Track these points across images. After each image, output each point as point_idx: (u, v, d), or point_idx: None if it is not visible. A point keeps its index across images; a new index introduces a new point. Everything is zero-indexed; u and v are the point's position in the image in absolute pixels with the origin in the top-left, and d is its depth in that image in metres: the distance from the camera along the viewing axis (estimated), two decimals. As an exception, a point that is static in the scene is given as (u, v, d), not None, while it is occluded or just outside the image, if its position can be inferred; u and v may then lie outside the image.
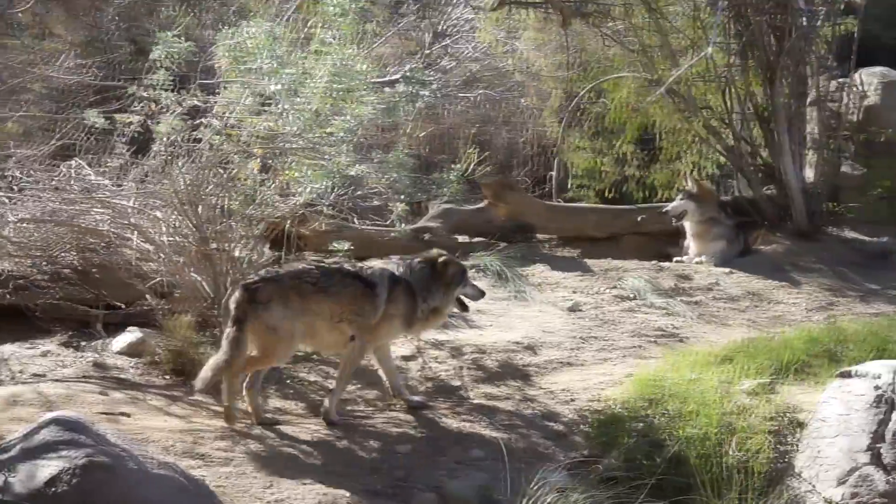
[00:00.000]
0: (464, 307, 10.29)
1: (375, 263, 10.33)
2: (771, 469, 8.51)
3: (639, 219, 15.48)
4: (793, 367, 9.62)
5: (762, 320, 11.89)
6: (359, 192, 11.85)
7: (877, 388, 8.42)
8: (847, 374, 8.77)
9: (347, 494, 8.13)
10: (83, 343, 10.58)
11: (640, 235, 15.58)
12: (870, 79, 17.82)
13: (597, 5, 13.99)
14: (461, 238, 14.75)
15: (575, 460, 8.72)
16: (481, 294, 10.35)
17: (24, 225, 10.98)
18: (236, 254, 10.95)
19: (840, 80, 16.69)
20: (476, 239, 14.68)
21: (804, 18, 10.33)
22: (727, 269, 13.57)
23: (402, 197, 12.29)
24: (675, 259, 14.52)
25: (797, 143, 15.01)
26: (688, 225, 14.77)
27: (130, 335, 10.54)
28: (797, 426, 8.81)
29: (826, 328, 10.97)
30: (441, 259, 10.06)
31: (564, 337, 11.20)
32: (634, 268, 13.31)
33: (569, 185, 17.59)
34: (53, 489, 6.40)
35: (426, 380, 10.22)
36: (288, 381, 10.13)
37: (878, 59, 19.75)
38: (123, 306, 11.17)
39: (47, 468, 6.48)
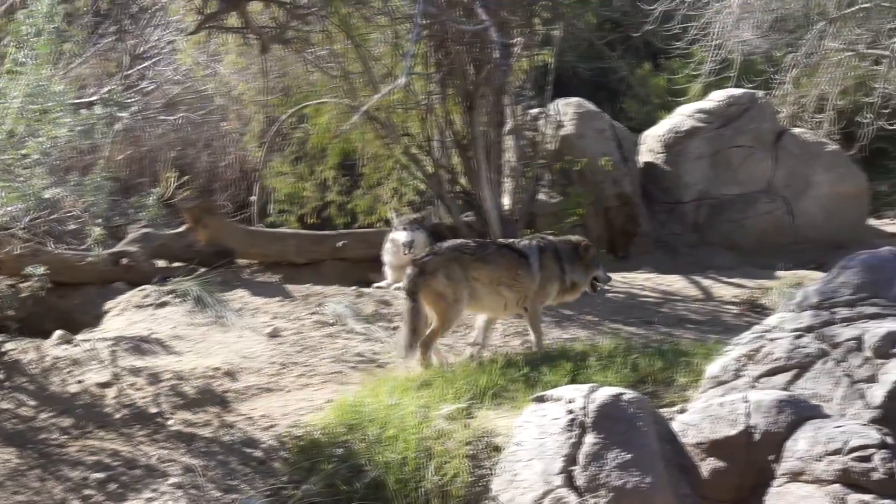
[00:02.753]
0: (594, 288, 11.99)
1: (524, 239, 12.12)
2: (468, 493, 8.61)
3: (340, 244, 15.55)
4: (490, 392, 9.76)
5: (460, 346, 12.04)
6: (55, 216, 11.57)
7: (570, 411, 8.60)
8: (542, 399, 8.94)
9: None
10: None
11: (342, 261, 15.67)
12: (566, 109, 18.37)
13: (297, 32, 13.99)
14: (161, 263, 14.56)
15: (274, 486, 8.69)
16: (608, 279, 12.12)
17: None
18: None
19: (537, 109, 17.10)
20: (176, 264, 14.51)
21: (497, 50, 10.53)
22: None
23: (100, 221, 12.07)
24: (375, 285, 14.59)
25: (495, 170, 15.25)
26: (389, 252, 14.86)
27: None
28: (494, 450, 8.92)
29: (522, 353, 11.20)
30: (583, 243, 11.89)
31: (265, 363, 11.14)
32: (335, 293, 13.33)
33: (270, 210, 17.54)
34: None
35: (123, 407, 10.02)
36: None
37: (575, 90, 20.40)
38: None
39: None
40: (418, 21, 6.63)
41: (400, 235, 14.61)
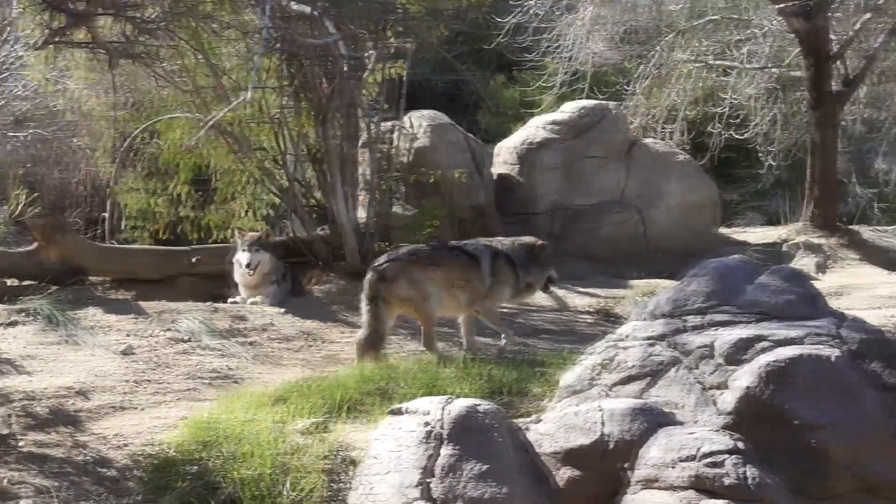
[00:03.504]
0: (547, 288, 12.67)
1: (479, 241, 12.58)
2: (325, 507, 8.60)
3: (194, 260, 15.40)
4: (346, 406, 9.75)
5: (316, 360, 12.02)
6: None
7: (426, 424, 8.62)
8: (398, 412, 8.95)
9: None
10: None
11: (196, 276, 15.51)
12: (419, 121, 18.41)
13: (145, 46, 13.86)
14: (11, 281, 14.31)
15: (128, 506, 8.59)
16: (557, 279, 12.82)
17: None
18: None
19: (391, 122, 17.12)
20: (27, 282, 14.27)
21: (345, 64, 10.57)
22: (281, 310, 13.63)
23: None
24: (229, 300, 14.49)
25: (349, 184, 15.26)
26: (235, 272, 14.75)
27: None
28: (350, 464, 8.91)
29: (378, 366, 11.19)
30: (538, 243, 12.40)
31: (118, 381, 10.99)
32: (189, 309, 13.21)
33: (123, 227, 17.34)
34: None
35: (-28, 429, 9.82)
36: None
37: (428, 103, 20.47)
38: None
39: None
40: (265, 35, 6.61)
41: (242, 257, 14.52)
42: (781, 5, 19.99)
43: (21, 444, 9.63)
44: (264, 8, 6.50)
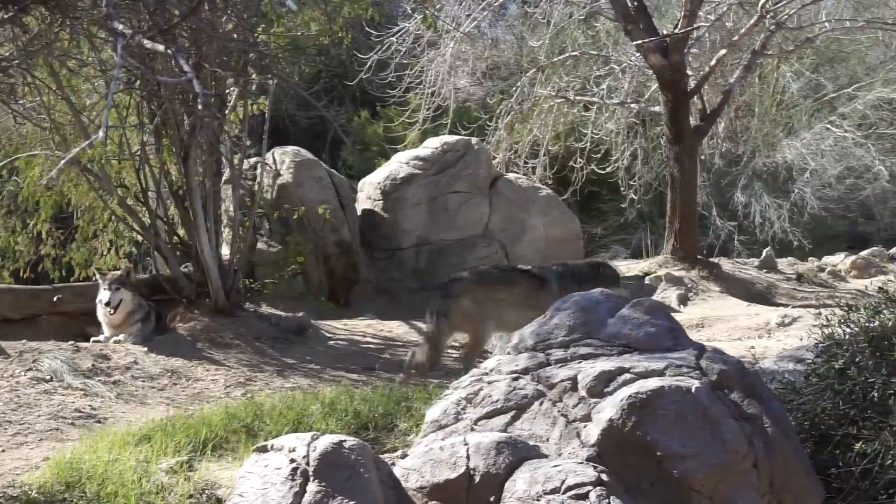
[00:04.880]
0: None
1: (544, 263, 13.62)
2: (192, 545, 8.54)
3: (56, 298, 15.21)
4: (212, 444, 9.68)
5: (181, 398, 11.91)
6: None
7: (292, 461, 8.57)
8: (264, 449, 8.89)
9: None
10: None
11: (59, 315, 15.31)
12: (283, 157, 18.43)
13: (1, 83, 13.72)
14: None
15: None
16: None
17: None
18: None
19: (255, 158, 17.08)
20: None
21: (201, 102, 10.49)
22: (145, 348, 13.49)
23: None
24: (93, 339, 14.31)
25: (213, 220, 15.14)
26: (98, 311, 14.58)
27: None
28: (216, 502, 8.85)
29: (244, 404, 11.11)
30: (596, 262, 13.35)
31: (-23, 423, 10.83)
32: (51, 349, 13.01)
33: (-20, 266, 17.09)
34: None
35: None
36: None
37: (293, 139, 20.51)
38: None
39: None
40: (117, 73, 6.56)
41: (104, 295, 14.36)
42: (639, 42, 20.35)
43: None
44: (116, 46, 6.46)
